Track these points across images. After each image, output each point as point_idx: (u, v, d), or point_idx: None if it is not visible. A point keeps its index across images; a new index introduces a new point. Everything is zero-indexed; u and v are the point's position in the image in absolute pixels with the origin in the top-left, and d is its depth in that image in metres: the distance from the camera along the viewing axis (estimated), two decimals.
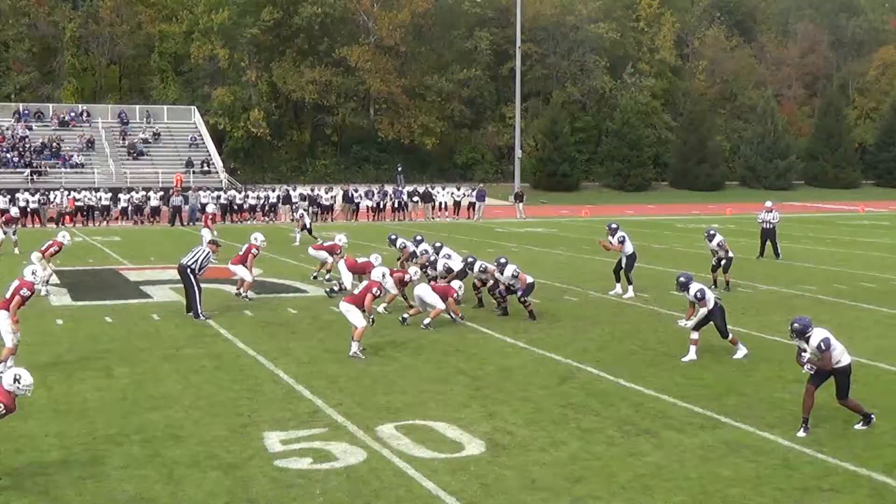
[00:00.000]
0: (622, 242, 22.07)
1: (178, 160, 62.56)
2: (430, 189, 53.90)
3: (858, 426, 11.51)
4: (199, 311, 19.12)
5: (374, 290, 16.03)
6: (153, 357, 15.49)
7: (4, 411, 9.60)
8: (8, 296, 14.32)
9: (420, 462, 10.29)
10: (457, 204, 52.96)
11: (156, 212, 48.08)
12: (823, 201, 70.50)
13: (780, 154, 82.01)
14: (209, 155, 64.25)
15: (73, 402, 12.69)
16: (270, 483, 9.67)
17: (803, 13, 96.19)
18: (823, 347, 11.18)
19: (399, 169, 70.24)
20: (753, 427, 11.61)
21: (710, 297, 15.43)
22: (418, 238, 23.32)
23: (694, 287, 15.36)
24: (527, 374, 14.34)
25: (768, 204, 30.65)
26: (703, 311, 15.29)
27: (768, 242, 30.05)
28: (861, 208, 60.83)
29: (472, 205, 52.45)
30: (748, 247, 31.30)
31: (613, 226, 22.74)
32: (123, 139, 63.80)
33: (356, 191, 52.68)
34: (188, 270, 19.24)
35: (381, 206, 51.93)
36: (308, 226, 35.48)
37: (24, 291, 14.35)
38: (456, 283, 18.85)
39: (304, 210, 41.17)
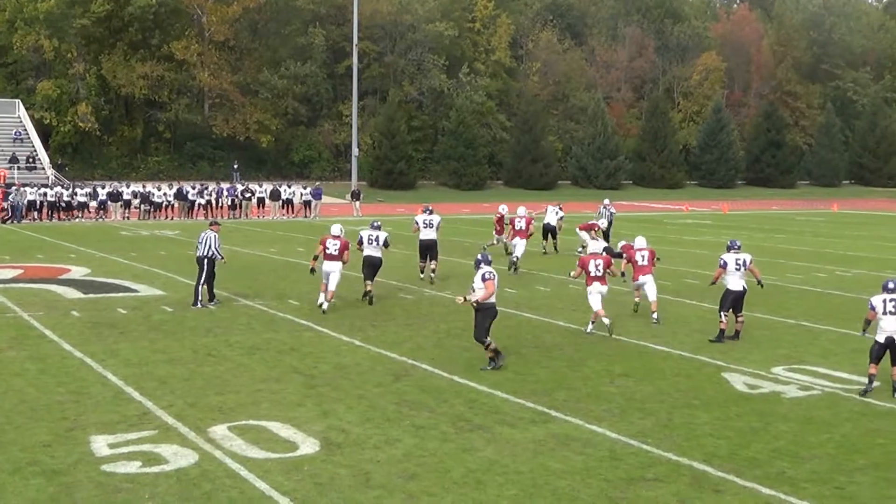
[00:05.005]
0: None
1: (2, 156, 59.99)
2: (278, 187, 53.39)
3: None
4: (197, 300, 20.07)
5: None
6: None
7: None
8: None
9: (253, 463, 10.18)
10: (289, 202, 52.57)
11: None
12: (650, 200, 72.91)
13: (610, 154, 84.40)
14: (35, 150, 61.81)
15: None
16: (97, 489, 9.39)
17: (631, 18, 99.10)
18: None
19: (235, 166, 69.26)
20: (582, 420, 11.94)
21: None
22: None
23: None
24: (362, 372, 14.35)
25: (606, 201, 33.29)
26: None
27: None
28: (685, 207, 63.23)
29: (307, 203, 52.09)
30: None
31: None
32: None
33: (193, 187, 51.67)
34: (204, 261, 20.08)
35: (218, 204, 51.05)
36: None
37: None
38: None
39: None
